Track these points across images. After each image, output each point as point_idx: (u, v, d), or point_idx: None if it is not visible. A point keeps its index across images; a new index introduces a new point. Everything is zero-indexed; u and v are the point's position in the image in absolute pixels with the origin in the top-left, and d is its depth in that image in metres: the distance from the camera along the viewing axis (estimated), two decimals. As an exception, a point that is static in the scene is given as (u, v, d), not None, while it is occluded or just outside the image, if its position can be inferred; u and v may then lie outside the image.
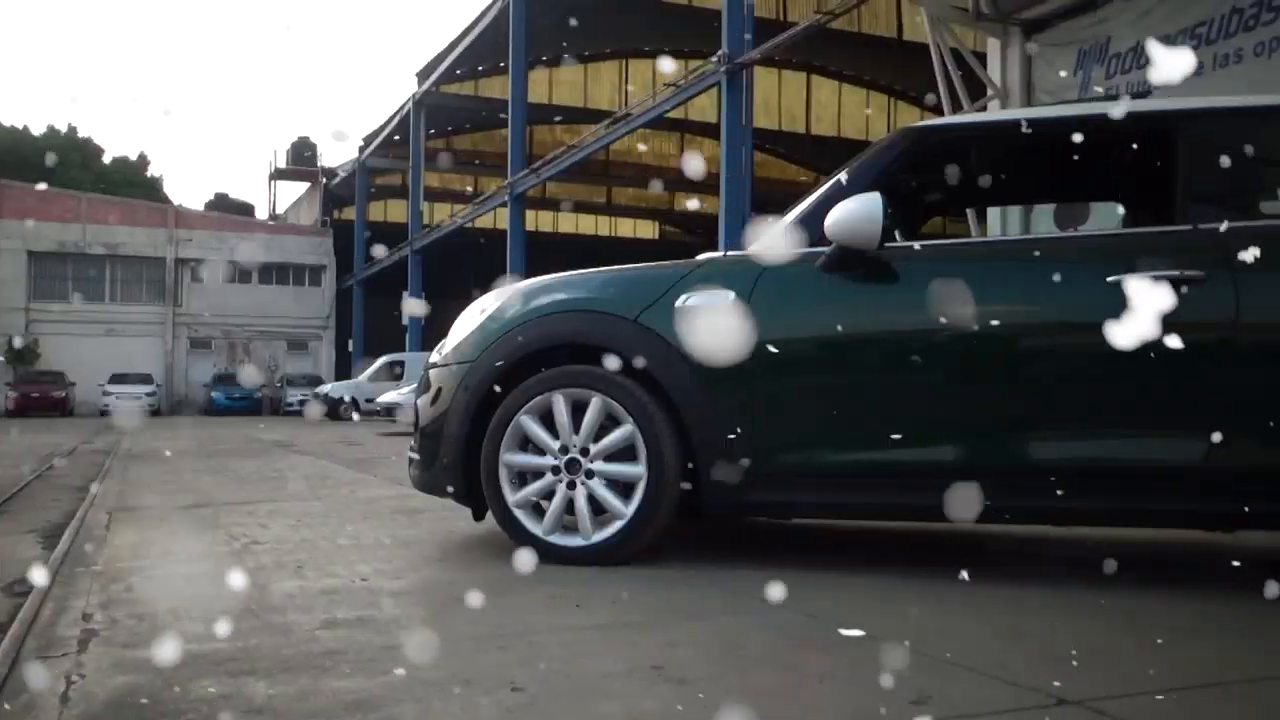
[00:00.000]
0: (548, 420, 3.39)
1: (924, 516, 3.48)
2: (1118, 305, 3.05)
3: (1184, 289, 2.98)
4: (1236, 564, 3.69)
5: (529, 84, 24.09)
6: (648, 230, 43.57)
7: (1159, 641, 2.42)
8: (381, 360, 25.28)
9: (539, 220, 37.56)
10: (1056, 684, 2.03)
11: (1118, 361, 3.03)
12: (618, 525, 3.30)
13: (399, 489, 5.95)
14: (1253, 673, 2.16)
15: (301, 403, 28.40)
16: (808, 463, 3.21)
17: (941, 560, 3.70)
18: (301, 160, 43.42)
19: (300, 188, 45.63)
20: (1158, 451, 2.98)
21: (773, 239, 3.46)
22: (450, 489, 3.55)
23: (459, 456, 3.48)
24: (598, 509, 3.35)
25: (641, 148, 36.98)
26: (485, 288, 3.99)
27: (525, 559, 3.05)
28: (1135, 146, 3.74)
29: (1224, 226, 3.08)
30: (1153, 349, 3.06)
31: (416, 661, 2.18)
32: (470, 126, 36.11)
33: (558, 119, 31.96)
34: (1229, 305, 2.95)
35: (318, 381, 31.81)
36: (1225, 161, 3.24)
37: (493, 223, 29.33)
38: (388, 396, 18.58)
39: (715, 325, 3.27)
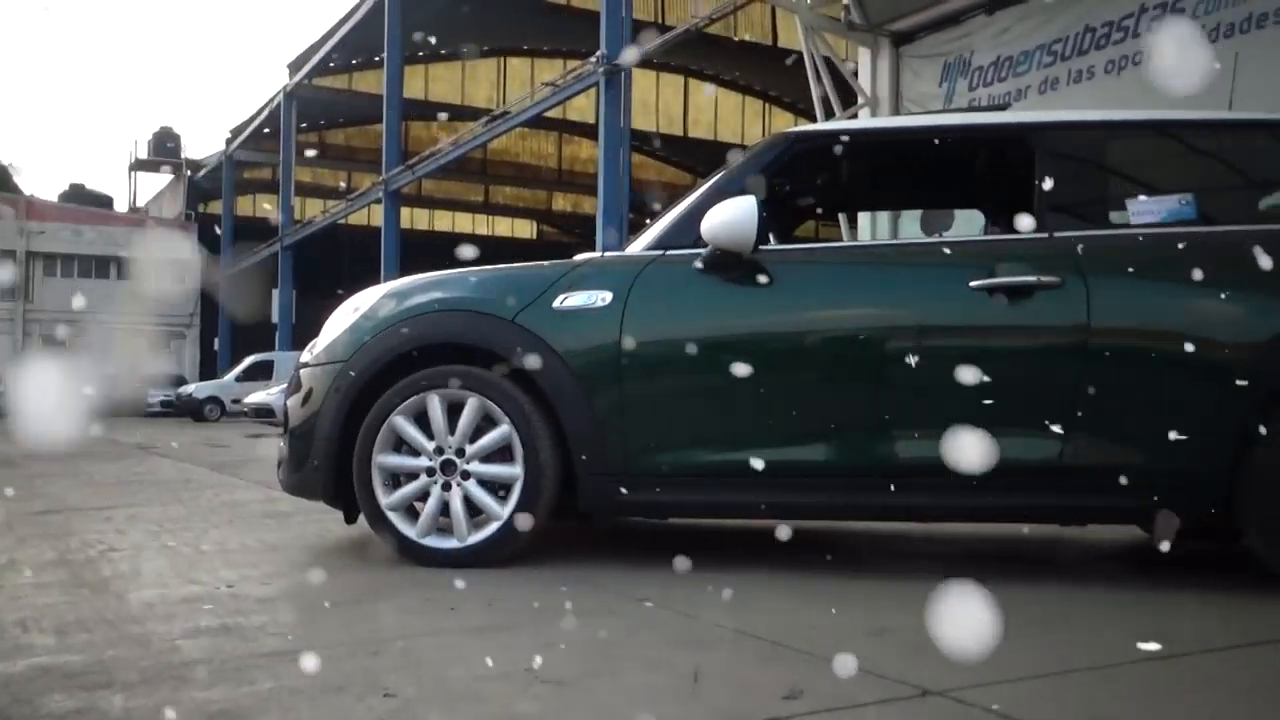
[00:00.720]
0: (423, 421, 3.34)
1: (796, 515, 3.56)
2: (980, 309, 3.18)
3: (1041, 294, 3.12)
4: (1085, 555, 3.88)
5: (405, 79, 23.72)
6: (525, 230, 43.34)
7: (1015, 632, 2.52)
8: (249, 359, 24.54)
9: (415, 218, 37.01)
10: (922, 675, 2.10)
11: (979, 363, 3.15)
12: (494, 527, 3.27)
13: (267, 492, 5.78)
14: (1101, 660, 2.27)
15: (164, 404, 27.31)
16: (683, 463, 3.24)
17: (813, 557, 3.79)
18: (164, 151, 41.75)
19: (163, 180, 43.89)
20: (1017, 450, 3.10)
21: (650, 240, 3.48)
22: (321, 492, 3.47)
23: (330, 458, 3.41)
24: (474, 510, 3.32)
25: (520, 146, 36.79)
26: (359, 286, 3.92)
27: (398, 562, 3.00)
28: (996, 157, 3.90)
29: (1078, 235, 3.24)
30: (1012, 351, 3.20)
31: (285, 669, 2.12)
32: (344, 121, 35.32)
33: (444, 114, 31.52)
34: (1082, 310, 3.09)
35: (181, 381, 30.64)
36: (1079, 173, 3.40)
37: (367, 220, 28.81)
38: (256, 397, 18.05)
39: (592, 325, 3.27)
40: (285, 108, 29.11)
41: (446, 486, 3.31)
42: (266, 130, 31.65)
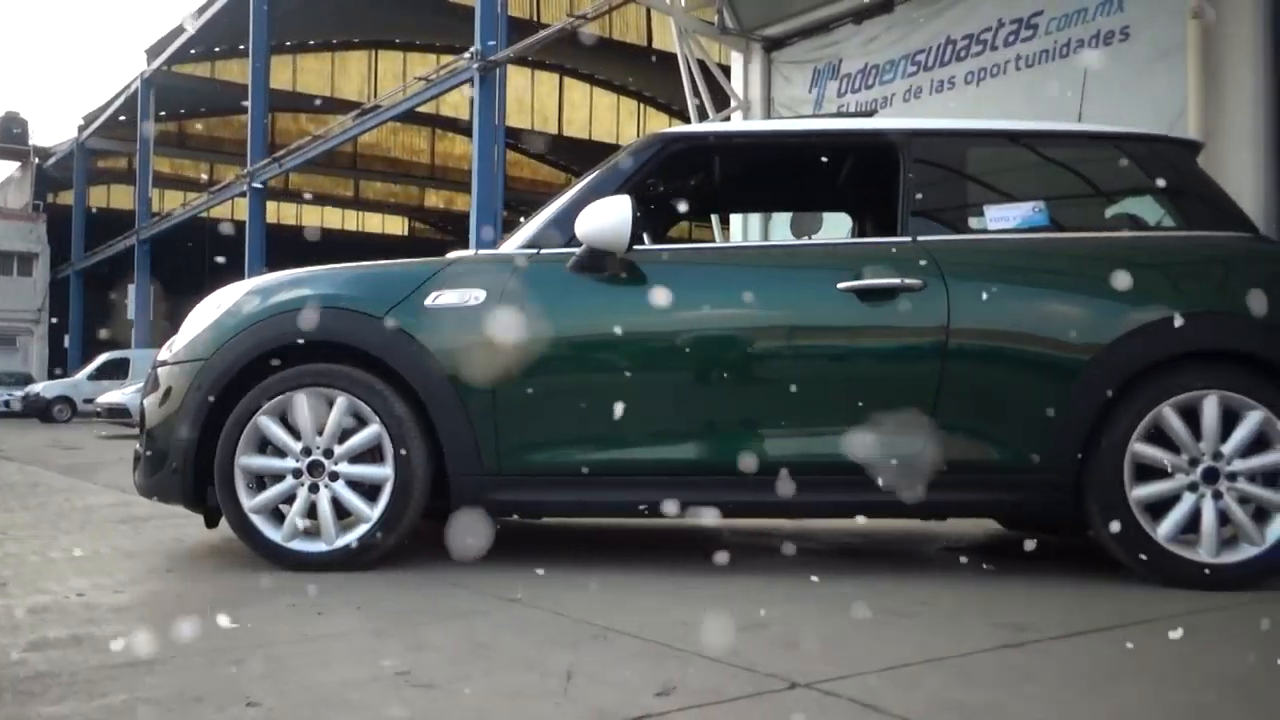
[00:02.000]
0: (289, 421, 3.25)
1: (669, 513, 3.59)
2: (847, 310, 3.27)
3: (904, 296, 3.22)
4: (946, 548, 4.02)
5: (271, 69, 23.02)
6: (397, 226, 42.58)
7: (882, 624, 2.60)
8: (103, 357, 23.46)
9: (281, 212, 35.95)
10: (791, 668, 2.14)
11: (846, 363, 3.24)
12: (363, 529, 3.21)
13: (122, 496, 5.54)
14: (961, 648, 2.36)
15: (8, 404, 25.85)
16: (556, 462, 3.23)
17: (685, 555, 3.83)
18: (10, 138, 39.48)
19: (8, 168, 41.56)
20: (882, 447, 3.19)
21: (524, 239, 3.47)
22: (180, 495, 3.34)
23: (190, 460, 3.28)
24: (342, 512, 3.24)
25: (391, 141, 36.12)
26: (222, 282, 3.79)
27: (263, 567, 2.91)
28: (863, 162, 4.01)
29: (939, 239, 3.36)
30: (877, 352, 3.30)
31: (140, 681, 2.04)
32: (206, 110, 34.04)
33: (316, 103, 30.63)
34: (942, 312, 3.20)
35: (28, 380, 29.04)
36: (941, 179, 3.53)
37: (231, 213, 27.84)
38: (110, 397, 17.24)
39: (464, 324, 3.24)
40: (143, 95, 27.90)
41: (314, 488, 3.23)
42: (123, 118, 30.25)
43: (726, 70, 10.82)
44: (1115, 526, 3.10)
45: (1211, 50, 6.41)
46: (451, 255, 3.55)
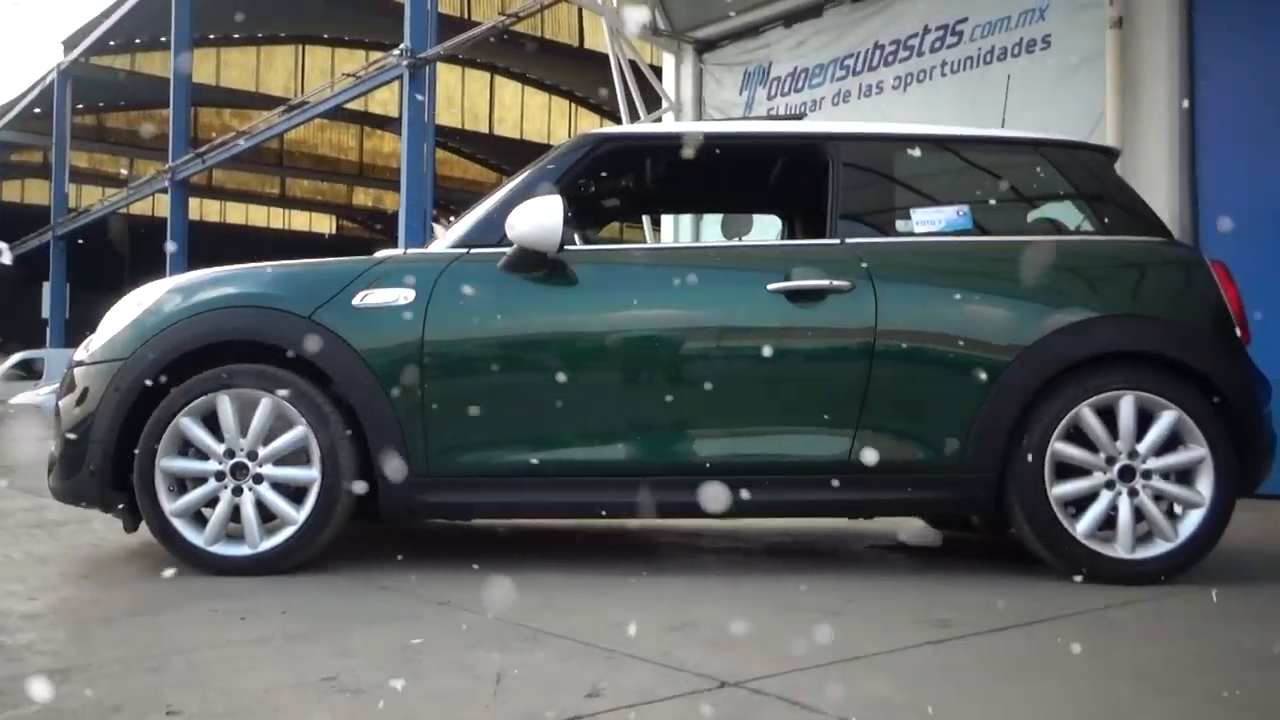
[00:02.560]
0: (212, 422, 3.18)
1: (600, 514, 3.59)
2: (776, 312, 3.30)
3: (833, 298, 3.26)
4: (874, 546, 4.08)
5: (194, 62, 22.51)
6: (324, 224, 41.92)
7: (810, 622, 2.62)
8: (16, 357, 22.75)
9: (204, 209, 35.20)
10: (720, 667, 2.16)
11: (775, 364, 3.27)
12: (288, 532, 3.15)
13: (35, 500, 5.37)
14: (887, 645, 2.39)
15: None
16: (486, 463, 3.21)
17: (617, 556, 3.83)
18: (-84, 129, 38.12)
19: (-87, 160, 40.07)
20: (810, 447, 3.23)
21: (454, 238, 3.44)
22: (97, 498, 3.25)
23: (108, 462, 3.19)
24: (267, 515, 3.19)
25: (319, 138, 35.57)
26: (142, 280, 3.70)
27: (184, 572, 2.84)
28: (793, 164, 4.05)
29: (867, 241, 3.41)
30: (806, 353, 3.33)
31: (54, 691, 1.98)
32: (126, 104, 33.17)
33: (241, 98, 29.98)
34: (870, 314, 3.25)
35: (-67, 381, 28.05)
36: (868, 182, 3.58)
37: (152, 210, 27.21)
38: (22, 398, 16.70)
39: (393, 324, 3.20)
40: (59, 87, 27.09)
41: (237, 491, 3.16)
42: (37, 110, 29.33)
43: (658, 71, 10.85)
44: (1036, 523, 3.17)
45: (1128, 61, 6.59)
46: (380, 254, 3.51)
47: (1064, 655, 2.35)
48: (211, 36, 29.73)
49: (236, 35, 30.05)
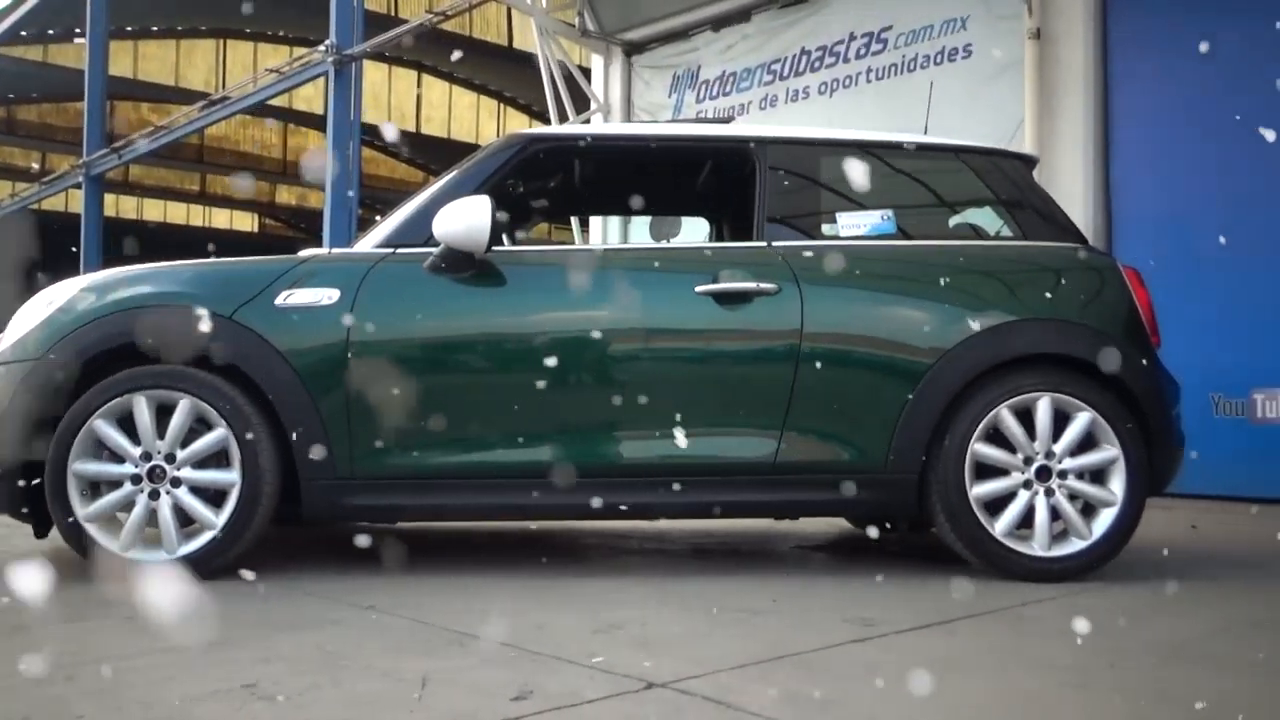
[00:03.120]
0: (128, 424, 3.10)
1: (528, 516, 3.58)
2: (704, 314, 3.32)
3: (760, 300, 3.29)
4: (799, 546, 4.12)
5: (111, 55, 21.90)
6: (246, 223, 41.10)
7: (736, 622, 2.64)
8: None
9: (121, 206, 34.28)
10: (647, 668, 2.16)
11: (703, 366, 3.29)
12: (208, 536, 3.08)
13: (-59, 505, 5.17)
14: (811, 644, 2.42)
15: None
16: (412, 466, 3.18)
17: (544, 558, 3.82)
18: None
19: None
20: (736, 449, 3.26)
21: (380, 238, 3.40)
22: (5, 503, 3.15)
23: (17, 466, 3.10)
24: (186, 520, 3.11)
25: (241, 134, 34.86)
26: (54, 278, 3.59)
27: (98, 579, 2.76)
28: (720, 167, 4.08)
29: (793, 245, 3.44)
30: (733, 355, 3.36)
31: (-42, 702, 1.91)
32: (38, 96, 32.14)
33: (159, 93, 29.19)
34: (796, 316, 3.28)
35: None
36: (795, 186, 3.62)
37: (65, 205, 26.39)
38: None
39: (317, 324, 3.16)
40: (-33, 78, 26.20)
41: (154, 495, 3.09)
42: (-57, 101, 28.36)
43: (587, 73, 10.84)
44: (957, 523, 3.23)
45: (1046, 70, 6.77)
46: (305, 253, 3.45)
47: (984, 652, 2.40)
48: (129, 29, 28.98)
49: (155, 28, 29.33)
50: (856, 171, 3.76)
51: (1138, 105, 6.52)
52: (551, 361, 3.27)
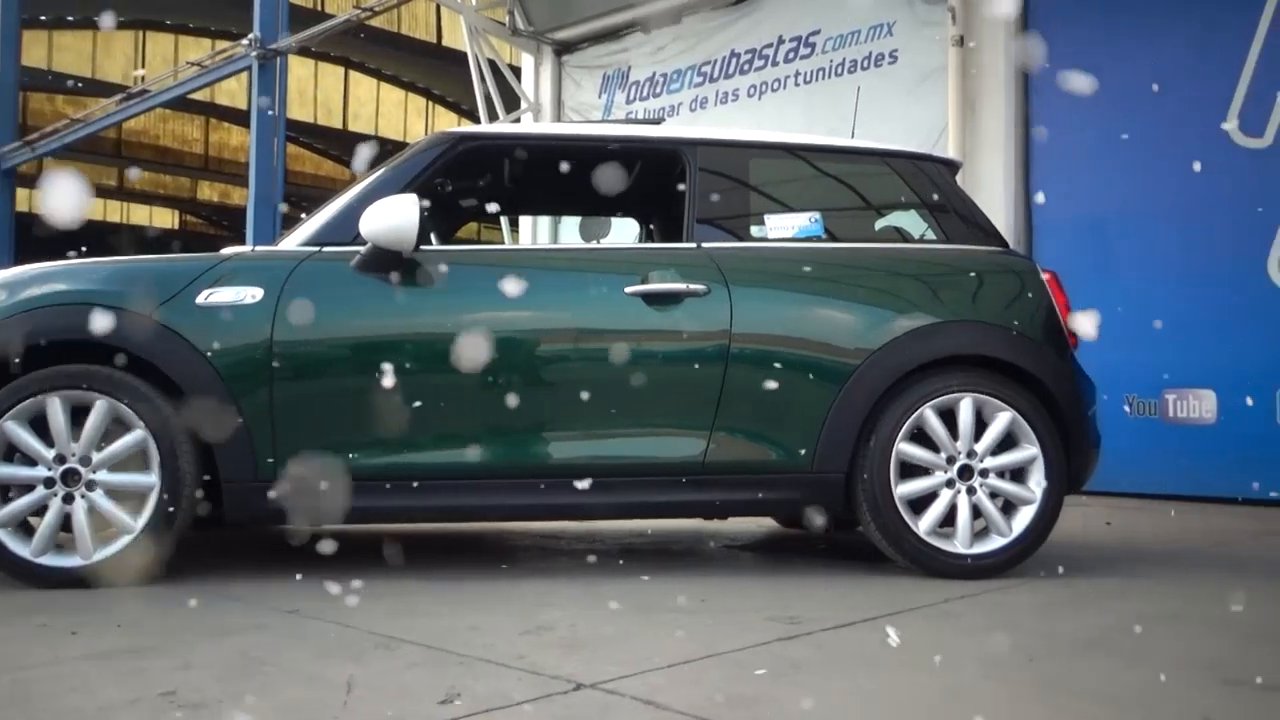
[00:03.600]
0: (41, 426, 3.01)
1: (454, 518, 3.55)
2: (633, 314, 3.32)
3: (689, 301, 3.30)
4: (728, 546, 4.15)
5: (24, 45, 21.24)
6: (166, 219, 40.15)
7: (665, 622, 2.65)
8: None
9: (33, 201, 33.25)
10: (576, 670, 2.16)
11: (632, 367, 3.29)
12: (124, 541, 3.01)
13: None
14: (741, 643, 2.44)
15: None
16: (336, 468, 3.13)
17: (472, 560, 3.79)
18: None
19: None
20: (665, 449, 3.27)
21: (305, 236, 3.34)
22: (-89, 508, 3.04)
23: (-77, 470, 2.99)
24: (102, 524, 3.03)
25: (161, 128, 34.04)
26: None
27: (10, 585, 2.68)
28: (650, 168, 4.09)
29: (722, 246, 3.47)
30: (662, 356, 3.37)
31: None
32: (-54, 86, 31.08)
33: (75, 85, 28.35)
34: (725, 317, 3.31)
35: None
36: (725, 188, 3.64)
37: (-25, 200, 25.50)
38: None
39: (240, 323, 3.10)
40: None
41: (68, 499, 3.00)
42: None
43: (517, 72, 10.79)
44: (881, 521, 3.28)
45: (968, 77, 6.91)
46: (227, 251, 3.38)
47: (907, 648, 2.44)
48: (43, 18, 28.15)
49: (71, 18, 28.51)
50: (785, 174, 3.80)
51: (1056, 112, 6.69)
52: (480, 362, 3.25)
